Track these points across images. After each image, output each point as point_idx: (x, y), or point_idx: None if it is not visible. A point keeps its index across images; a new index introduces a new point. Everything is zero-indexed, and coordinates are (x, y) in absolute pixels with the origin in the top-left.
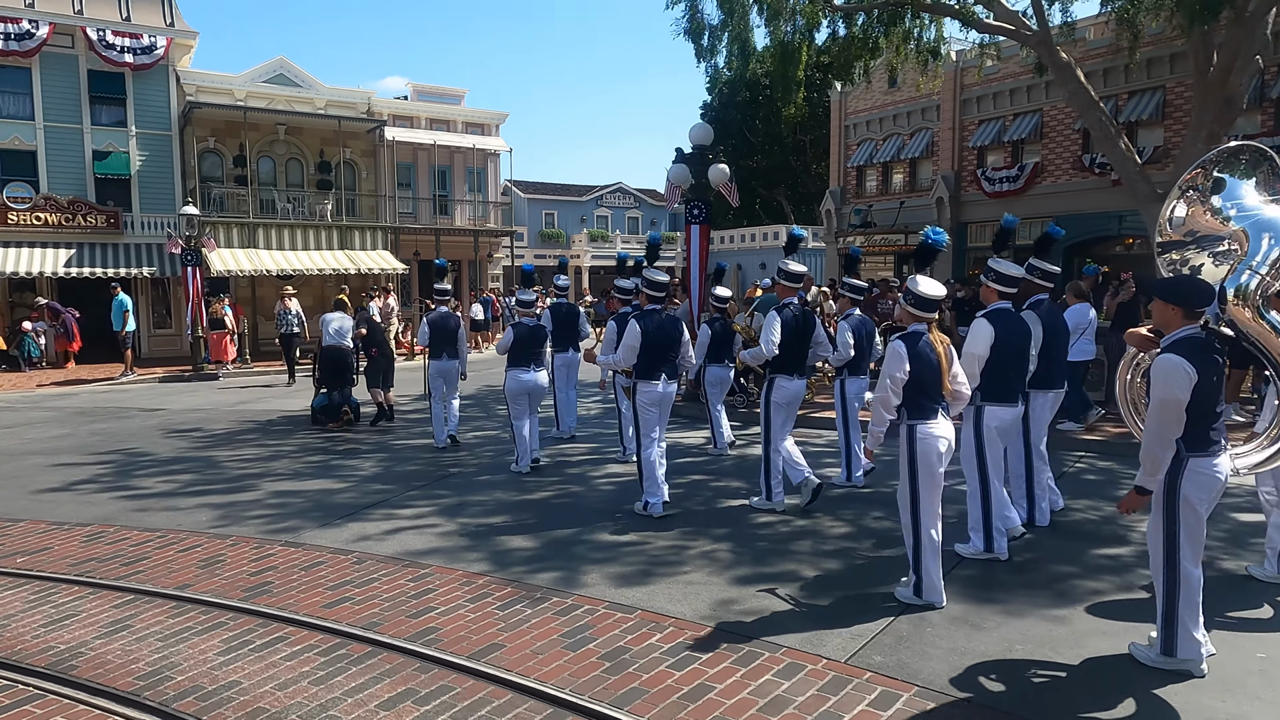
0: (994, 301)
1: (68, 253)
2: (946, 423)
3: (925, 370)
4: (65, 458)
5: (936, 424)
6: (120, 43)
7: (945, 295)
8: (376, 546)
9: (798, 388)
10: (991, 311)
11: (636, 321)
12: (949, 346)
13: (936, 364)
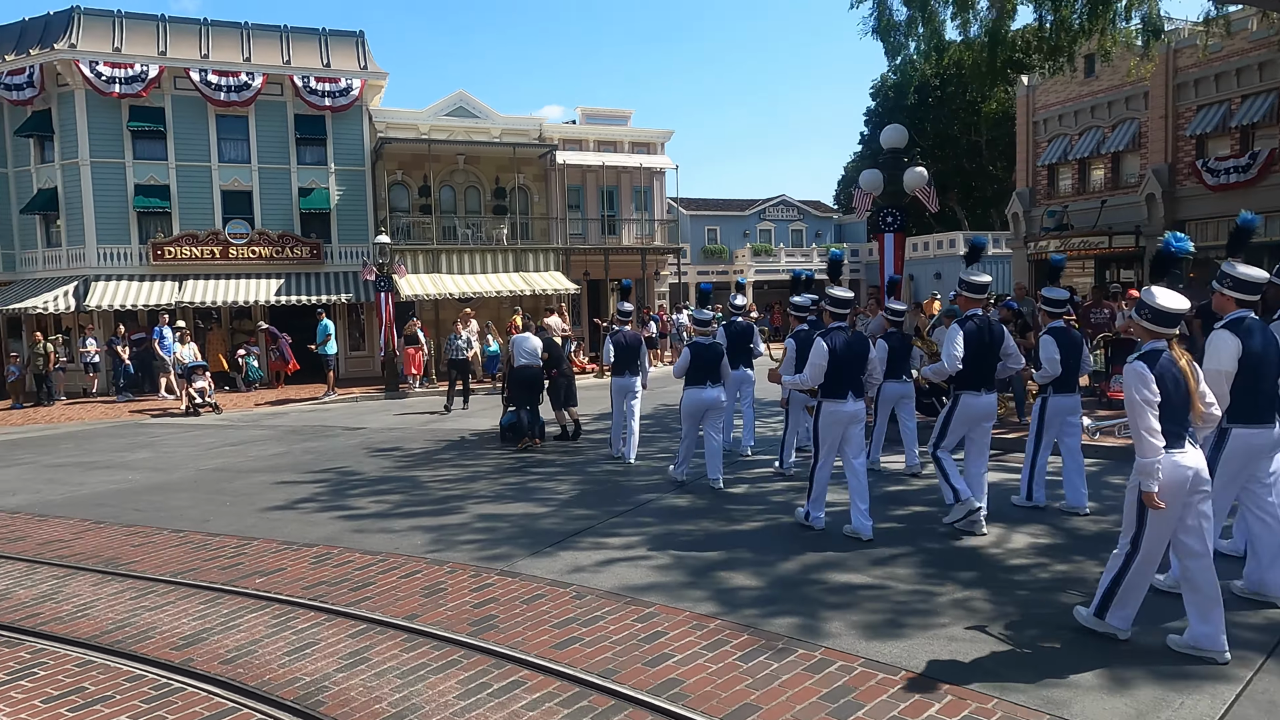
0: (1231, 310)
1: (278, 282)
2: (1195, 451)
3: (1173, 392)
4: (285, 475)
5: (1185, 454)
6: (321, 88)
7: (1189, 308)
8: (593, 579)
9: (986, 404)
10: (1232, 321)
11: (822, 340)
12: (1192, 363)
13: (1184, 384)
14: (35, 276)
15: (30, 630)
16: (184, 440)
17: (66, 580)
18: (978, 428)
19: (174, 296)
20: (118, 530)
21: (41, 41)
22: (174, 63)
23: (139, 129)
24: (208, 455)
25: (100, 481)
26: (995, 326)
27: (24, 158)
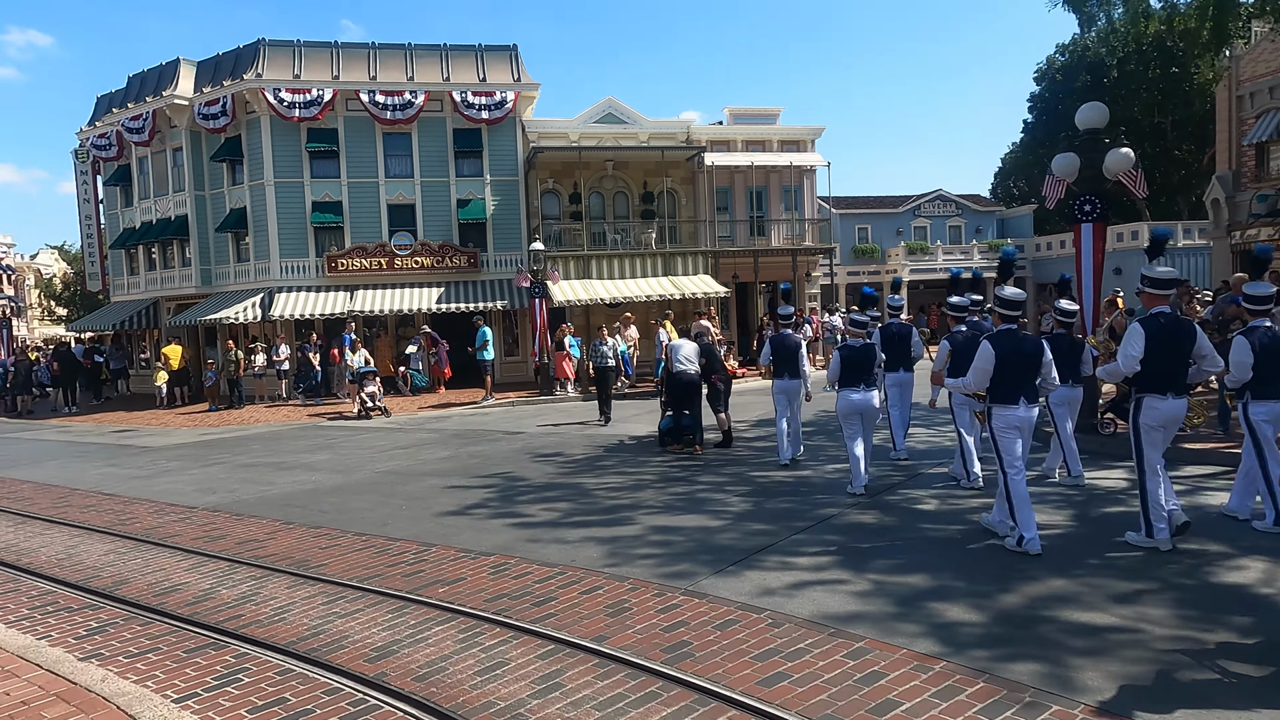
0: None
1: (438, 290)
2: None
3: None
4: (454, 480)
5: None
6: (478, 101)
7: None
8: (787, 604)
9: (1173, 408)
10: None
11: (989, 342)
12: None
13: None
14: (227, 289)
15: (234, 633)
16: (358, 443)
17: (263, 582)
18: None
19: (346, 306)
20: (306, 531)
21: (233, 73)
22: (346, 85)
23: (316, 149)
24: (381, 458)
25: (287, 482)
26: (1185, 325)
27: (218, 181)
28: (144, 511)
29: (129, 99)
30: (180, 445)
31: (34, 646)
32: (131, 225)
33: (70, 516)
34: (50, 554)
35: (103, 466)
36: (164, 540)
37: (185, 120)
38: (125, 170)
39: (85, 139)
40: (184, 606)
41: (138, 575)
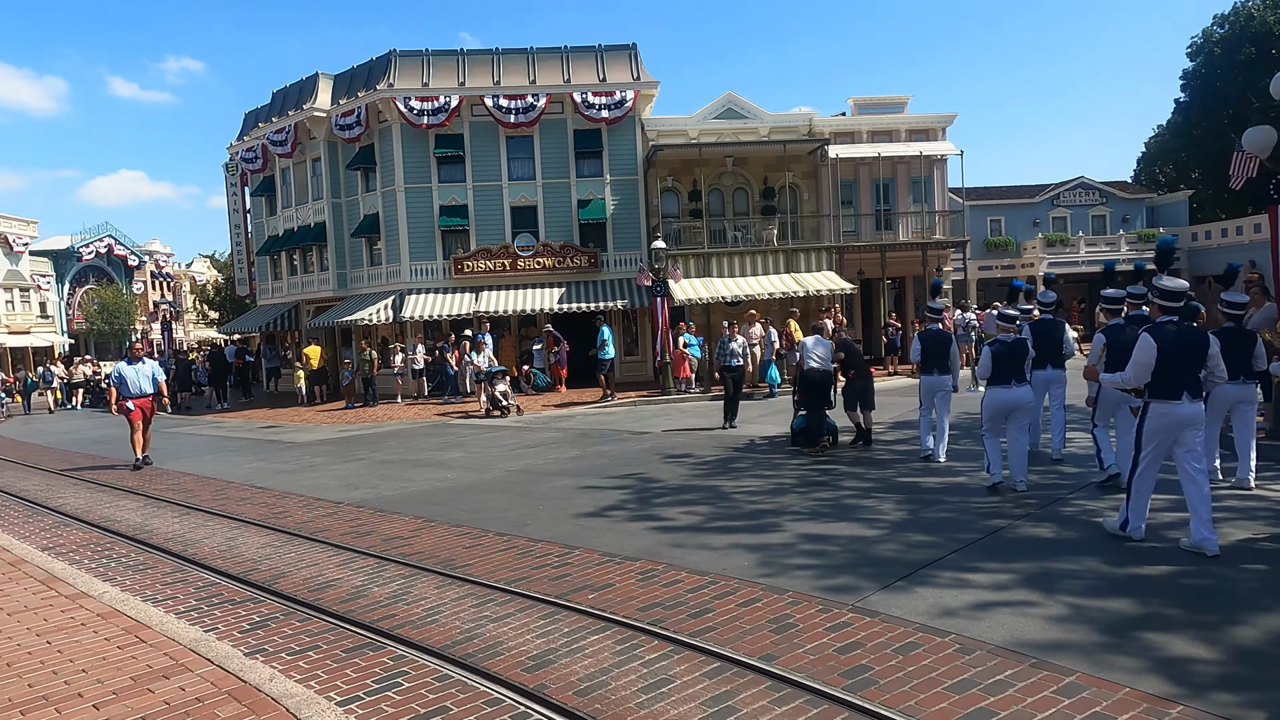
0: None
1: (559, 290)
2: None
3: None
4: (587, 480)
5: None
6: (598, 101)
7: None
8: (972, 628)
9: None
10: None
11: (1150, 335)
12: None
13: None
14: (361, 292)
15: (389, 633)
16: (488, 441)
17: (412, 581)
18: None
19: (472, 307)
20: (448, 530)
21: (366, 84)
22: (471, 92)
23: (443, 155)
24: (511, 457)
25: (424, 479)
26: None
27: (353, 188)
28: (294, 506)
29: (273, 114)
30: (322, 441)
31: (204, 640)
32: (275, 233)
33: (228, 509)
34: (212, 545)
35: (254, 461)
36: (315, 535)
37: (323, 131)
38: (269, 181)
39: (234, 153)
40: (339, 603)
41: (293, 569)
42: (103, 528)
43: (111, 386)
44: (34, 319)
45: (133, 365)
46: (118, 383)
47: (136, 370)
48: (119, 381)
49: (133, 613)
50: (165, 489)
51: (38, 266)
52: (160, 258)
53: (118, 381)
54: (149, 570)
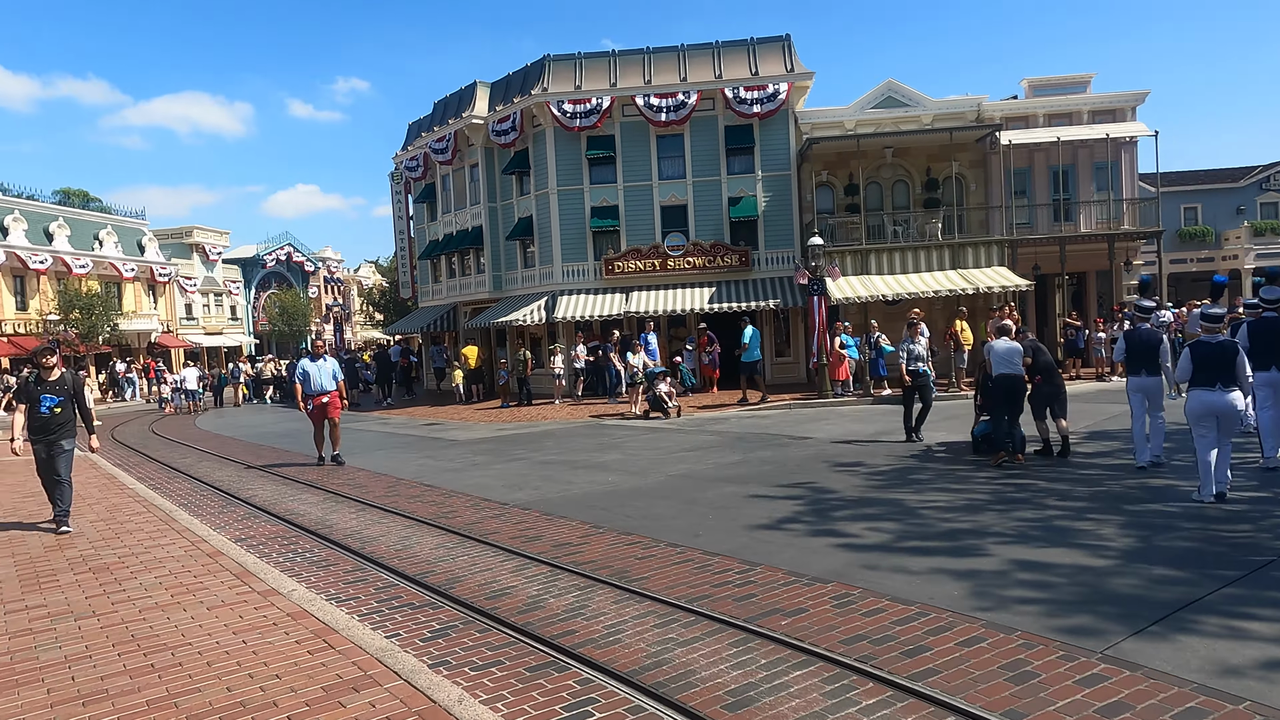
0: None
1: (709, 290)
2: None
3: None
4: (753, 487)
5: None
6: (750, 96)
7: None
8: (1272, 694)
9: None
10: None
11: None
12: None
13: None
14: (515, 294)
15: (571, 651)
16: (644, 444)
17: (588, 593)
18: None
19: (622, 307)
20: (617, 538)
21: (521, 90)
22: (622, 92)
23: (594, 156)
24: (670, 461)
25: (585, 481)
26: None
27: (508, 192)
28: (462, 505)
29: (434, 123)
30: (482, 440)
31: (390, 650)
32: (435, 238)
33: (400, 506)
34: (388, 544)
35: (420, 458)
36: (485, 537)
37: (481, 138)
38: (430, 188)
39: (399, 162)
40: (516, 614)
41: (467, 573)
42: (288, 520)
43: (297, 383)
44: (225, 321)
45: (315, 362)
46: (302, 379)
47: (319, 367)
48: (303, 378)
49: (320, 614)
50: (341, 484)
51: (229, 273)
52: (332, 264)
53: (302, 378)
54: (331, 567)
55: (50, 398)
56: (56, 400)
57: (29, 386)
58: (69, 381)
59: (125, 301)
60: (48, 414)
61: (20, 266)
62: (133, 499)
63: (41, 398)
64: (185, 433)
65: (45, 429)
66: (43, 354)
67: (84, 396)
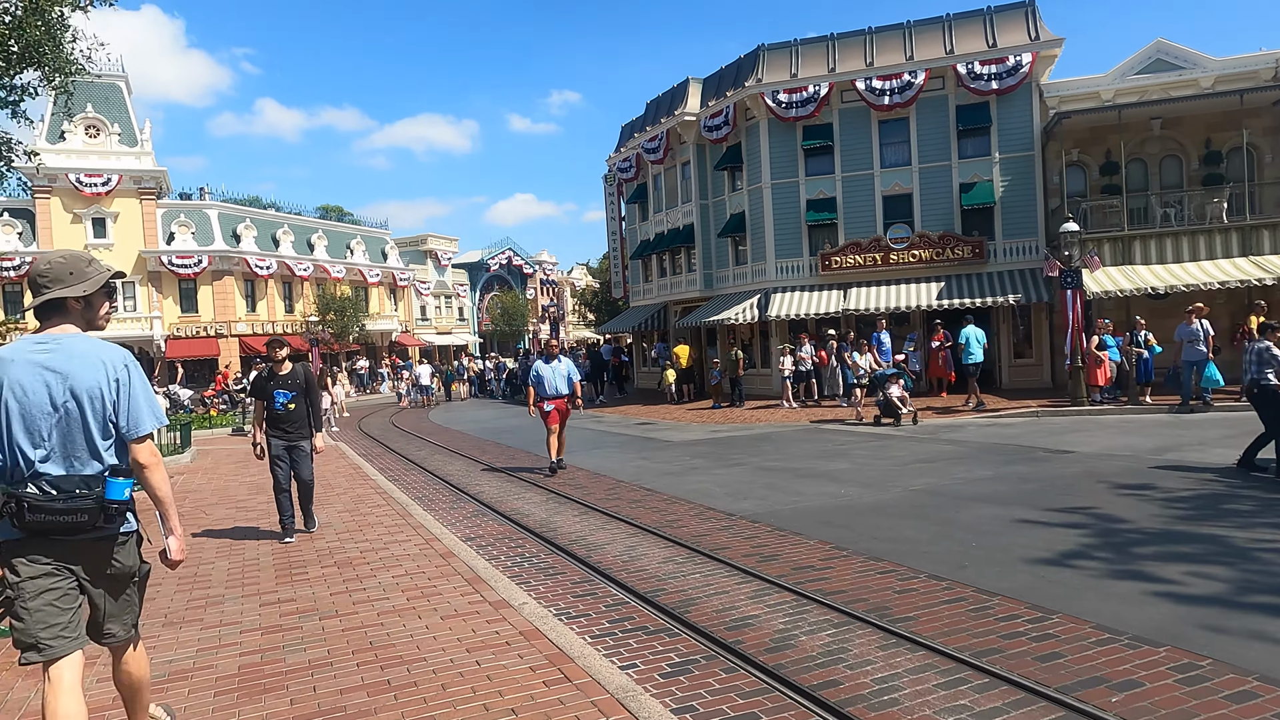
0: None
1: (937, 285)
2: None
3: None
4: (1017, 510)
5: None
6: (986, 71)
7: None
8: None
9: None
10: None
11: None
12: None
13: None
14: (726, 292)
15: (841, 712)
16: (871, 452)
17: (845, 632)
18: None
19: (840, 305)
20: (865, 563)
21: (734, 83)
22: (841, 77)
23: (810, 147)
24: (908, 473)
25: (815, 493)
26: None
27: (720, 189)
28: (686, 514)
29: (646, 123)
30: (696, 442)
31: (631, 692)
32: (646, 237)
33: (622, 510)
34: (614, 553)
35: (636, 459)
36: (715, 553)
37: (693, 135)
38: (642, 188)
39: (612, 164)
40: (764, 651)
41: (702, 595)
42: (514, 521)
43: (529, 386)
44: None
45: (549, 364)
46: (535, 382)
47: (553, 369)
48: (536, 381)
49: (553, 636)
50: (562, 484)
51: (457, 277)
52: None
53: (535, 381)
54: (559, 576)
55: (283, 393)
56: (289, 395)
57: (262, 381)
58: (301, 375)
59: (371, 304)
60: (281, 410)
61: (288, 274)
62: (374, 490)
63: (275, 393)
64: (420, 425)
65: (281, 425)
66: (275, 346)
67: (316, 392)
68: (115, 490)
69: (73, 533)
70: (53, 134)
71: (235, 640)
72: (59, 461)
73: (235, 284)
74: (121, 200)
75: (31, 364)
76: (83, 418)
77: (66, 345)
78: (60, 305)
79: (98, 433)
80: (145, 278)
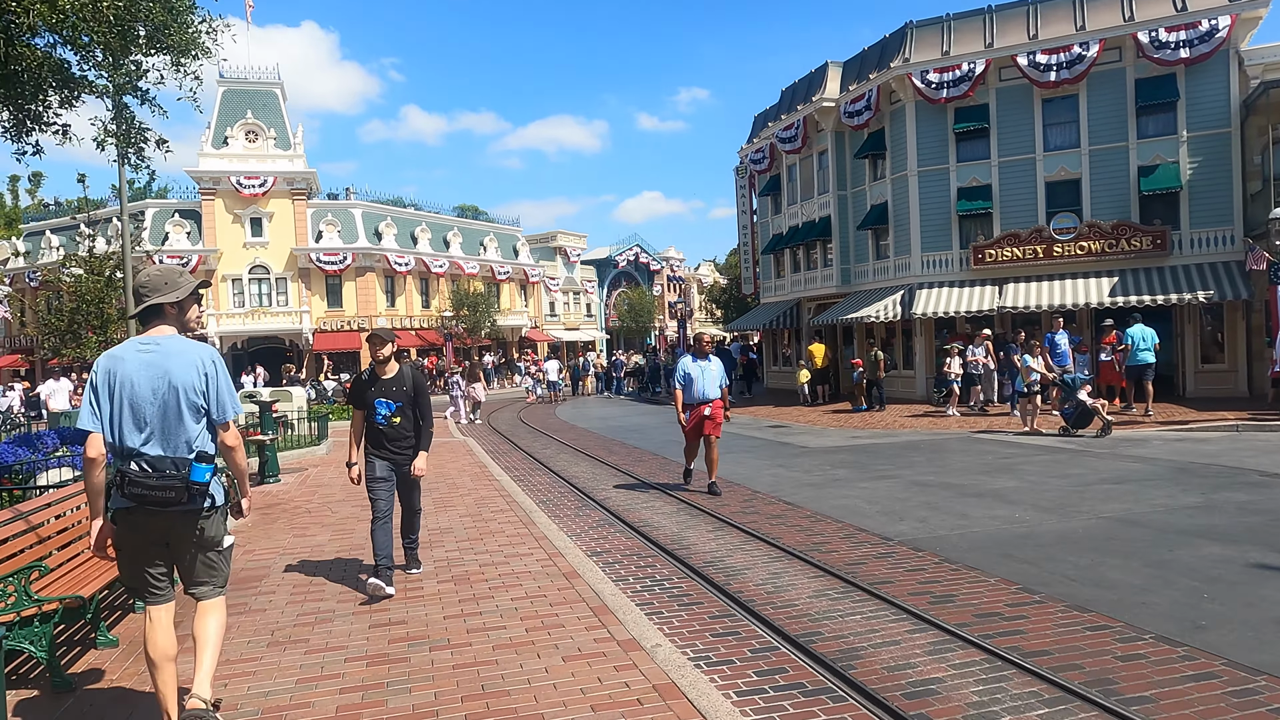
0: None
1: (1110, 281)
2: None
3: None
4: (1252, 552)
5: None
6: (1173, 38)
7: None
8: None
9: None
10: None
11: None
12: None
13: None
14: (865, 288)
15: None
16: (1043, 468)
17: (1061, 715)
18: None
19: (994, 302)
20: (1067, 614)
21: (878, 65)
22: (1000, 53)
23: (963, 130)
24: (1093, 496)
25: (984, 516)
26: None
27: (860, 179)
28: (834, 534)
29: (781, 111)
30: (837, 449)
31: None
32: (779, 231)
33: (760, 527)
34: (756, 580)
35: (772, 467)
36: (875, 588)
37: (831, 122)
38: (775, 180)
39: (744, 156)
40: None
41: (866, 646)
42: (643, 534)
43: (676, 388)
44: (582, 317)
45: (698, 362)
46: (683, 383)
47: (702, 369)
48: (685, 382)
49: (693, 695)
50: (691, 492)
51: (585, 273)
52: (674, 262)
53: (684, 382)
54: (695, 608)
55: (386, 402)
56: (394, 406)
57: (362, 386)
58: (409, 380)
59: (502, 300)
60: (384, 424)
61: (425, 270)
62: (498, 493)
63: (376, 402)
64: (547, 422)
65: (384, 444)
66: (376, 343)
67: (426, 401)
68: (198, 473)
69: (164, 505)
70: (217, 139)
71: (338, 671)
72: (157, 443)
73: (376, 280)
74: (276, 201)
75: (139, 361)
76: (178, 406)
77: (165, 345)
78: (159, 311)
79: (190, 419)
80: (296, 274)
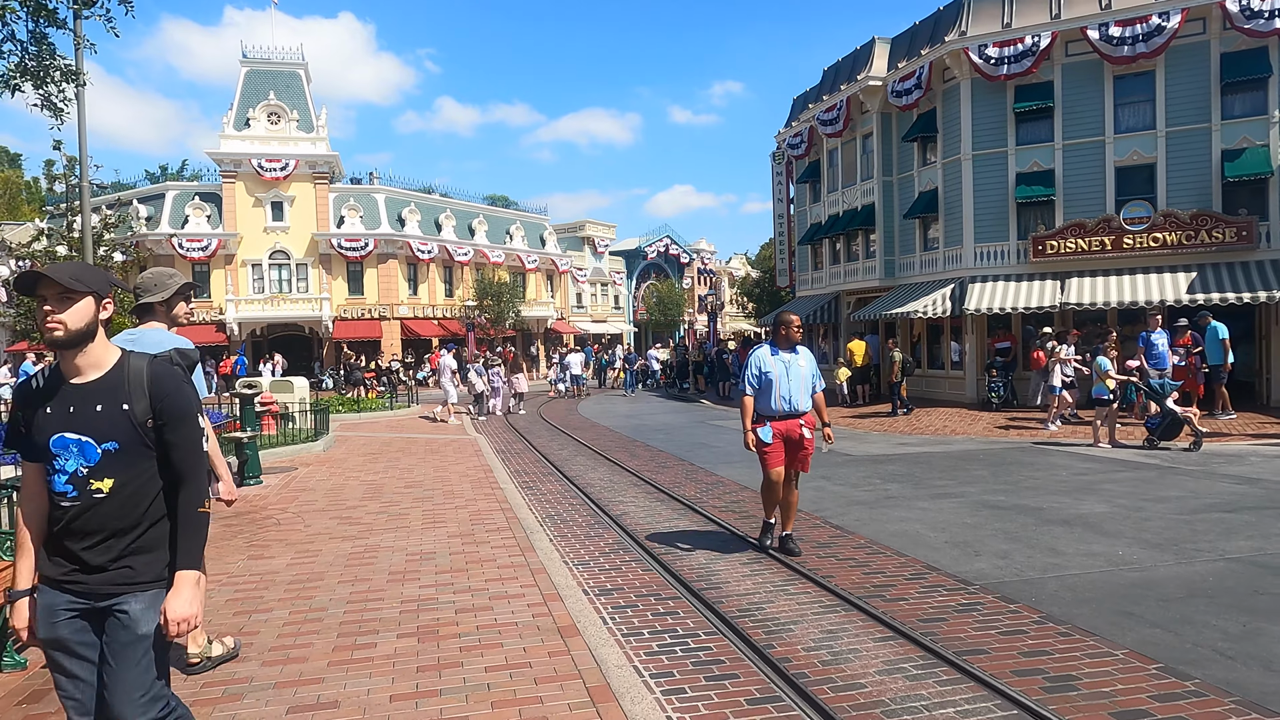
0: None
1: (1187, 276)
2: None
3: None
4: None
5: None
6: (1266, 7)
7: None
8: None
9: None
10: None
11: None
12: None
13: None
14: (911, 281)
15: None
16: (1129, 488)
17: None
18: None
19: (1055, 298)
20: (1237, 712)
21: (930, 40)
22: (1068, 25)
23: (1024, 110)
24: (1202, 525)
25: (1079, 553)
26: None
27: (907, 164)
28: (896, 572)
29: (823, 93)
30: (884, 458)
31: None
32: (817, 220)
33: (806, 560)
34: (806, 642)
35: (813, 478)
36: (964, 661)
37: (877, 103)
38: (814, 166)
39: (781, 140)
40: None
41: None
42: (664, 565)
43: (746, 393)
44: (609, 309)
45: (779, 355)
46: (758, 384)
47: (787, 366)
48: (761, 383)
49: None
50: (724, 509)
51: (613, 264)
52: (705, 255)
53: (758, 382)
54: (727, 684)
55: (75, 444)
56: (91, 454)
57: (28, 403)
58: (140, 386)
59: (528, 290)
60: (71, 500)
61: (449, 258)
62: (499, 505)
63: (51, 444)
64: (567, 419)
65: (67, 548)
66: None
67: (193, 431)
68: None
69: None
70: (239, 121)
71: None
72: None
73: (399, 267)
74: (298, 184)
75: None
76: None
77: (142, 336)
78: (149, 308)
79: None
80: (316, 260)
